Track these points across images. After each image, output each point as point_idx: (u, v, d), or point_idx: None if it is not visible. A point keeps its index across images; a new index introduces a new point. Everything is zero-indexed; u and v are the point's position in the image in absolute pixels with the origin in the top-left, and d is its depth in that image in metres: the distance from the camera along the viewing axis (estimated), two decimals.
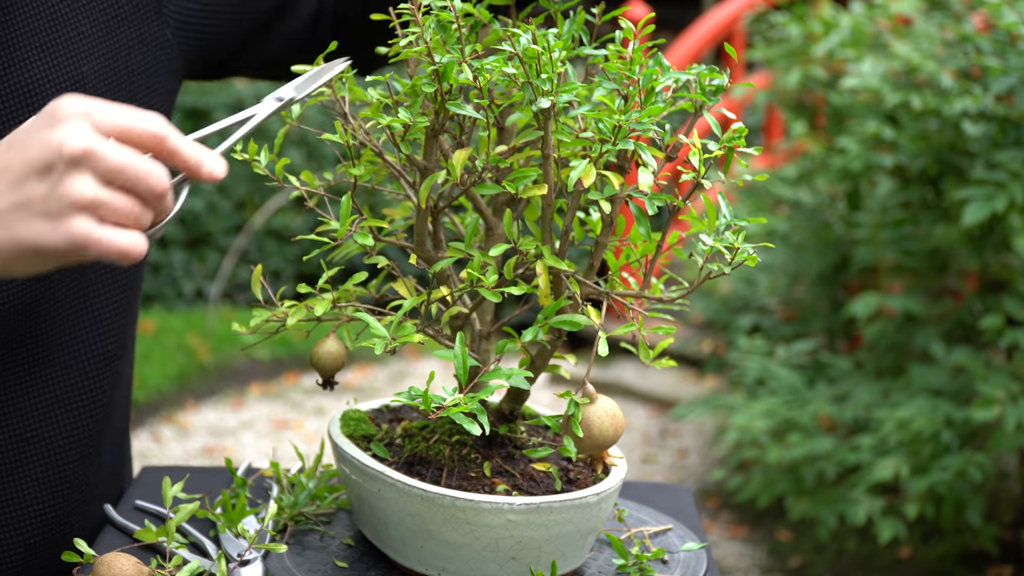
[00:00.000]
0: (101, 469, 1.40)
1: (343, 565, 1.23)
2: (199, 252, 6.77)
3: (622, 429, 1.16)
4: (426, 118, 1.15)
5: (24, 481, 1.30)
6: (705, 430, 5.22)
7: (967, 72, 3.62)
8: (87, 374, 1.34)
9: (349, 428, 1.27)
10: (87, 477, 1.37)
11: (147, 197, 1.00)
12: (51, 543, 1.33)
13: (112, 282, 1.35)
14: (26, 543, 1.31)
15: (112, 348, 1.37)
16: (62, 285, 1.30)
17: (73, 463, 1.34)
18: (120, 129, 0.99)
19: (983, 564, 3.91)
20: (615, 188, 1.11)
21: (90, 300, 1.33)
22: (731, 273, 1.12)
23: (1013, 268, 3.76)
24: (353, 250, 1.21)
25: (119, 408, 1.43)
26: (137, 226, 1.00)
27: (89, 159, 0.96)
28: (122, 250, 0.98)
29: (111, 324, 1.35)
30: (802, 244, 4.42)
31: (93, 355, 1.34)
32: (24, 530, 1.31)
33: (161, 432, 5.27)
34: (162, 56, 1.38)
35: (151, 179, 0.99)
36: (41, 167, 0.97)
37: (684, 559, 1.29)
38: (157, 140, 1.01)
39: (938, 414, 3.46)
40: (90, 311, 1.33)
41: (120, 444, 1.47)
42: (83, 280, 1.32)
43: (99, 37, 1.30)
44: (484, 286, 1.14)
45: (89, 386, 1.34)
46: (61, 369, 1.31)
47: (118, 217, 0.98)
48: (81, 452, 1.35)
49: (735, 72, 1.14)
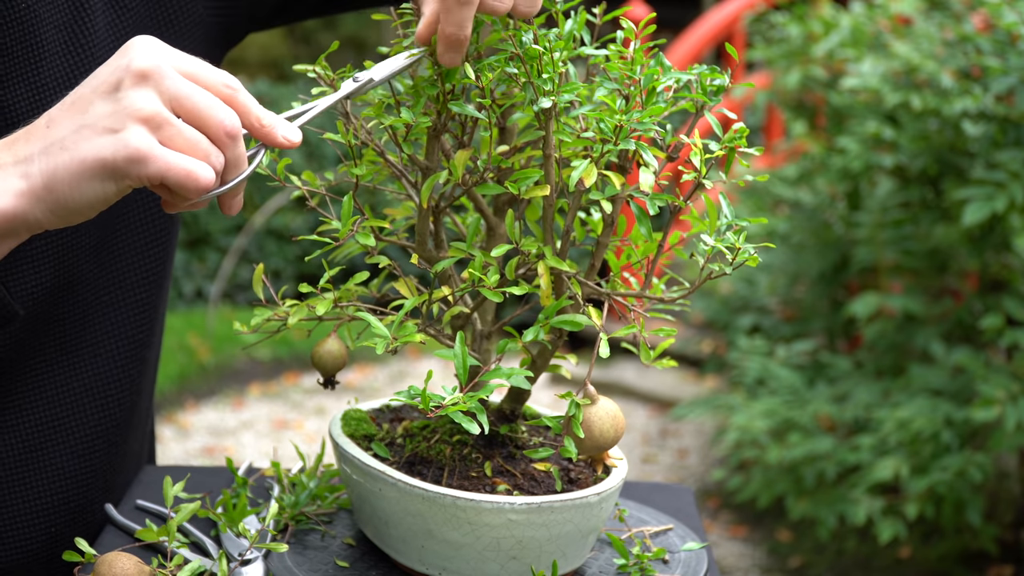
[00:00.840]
0: (126, 457, 1.40)
1: (344, 565, 1.23)
2: (199, 252, 6.77)
3: (623, 430, 1.16)
4: (428, 118, 1.15)
5: (50, 469, 1.30)
6: (705, 430, 5.22)
7: (967, 72, 3.62)
8: (116, 362, 1.33)
9: (350, 428, 1.27)
10: (112, 465, 1.37)
11: (216, 134, 0.96)
12: (73, 531, 1.33)
13: (142, 268, 1.34)
14: (49, 531, 1.31)
15: (141, 336, 1.36)
16: (93, 269, 1.29)
17: (99, 452, 1.34)
18: (191, 72, 0.97)
19: (983, 564, 3.91)
20: (616, 188, 1.11)
21: (120, 285, 1.32)
22: (732, 273, 1.12)
23: (1013, 268, 3.76)
24: (354, 250, 1.21)
25: (146, 396, 1.43)
26: (205, 159, 0.96)
27: (155, 76, 0.94)
28: (187, 170, 0.94)
29: (141, 311, 1.35)
30: (802, 244, 4.42)
31: (122, 342, 1.34)
32: (48, 517, 1.31)
33: (161, 432, 5.27)
34: (198, 32, 1.36)
35: (219, 114, 0.96)
36: (109, 87, 0.95)
37: (684, 559, 1.29)
38: (229, 91, 0.99)
39: (938, 414, 3.46)
40: (120, 297, 1.33)
41: (143, 432, 1.47)
42: (113, 265, 1.31)
43: (125, 26, 1.28)
44: (485, 286, 1.14)
45: (118, 374, 1.34)
46: (90, 357, 1.31)
47: (184, 144, 0.95)
48: (107, 440, 1.35)
49: (735, 72, 1.14)
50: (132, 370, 1.36)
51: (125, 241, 1.32)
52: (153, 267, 1.36)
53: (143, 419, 1.45)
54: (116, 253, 1.31)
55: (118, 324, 1.33)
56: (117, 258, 1.32)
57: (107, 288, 1.31)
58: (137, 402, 1.39)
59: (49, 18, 1.21)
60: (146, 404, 1.44)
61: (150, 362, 1.41)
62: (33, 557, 1.30)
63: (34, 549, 1.30)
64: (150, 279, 1.35)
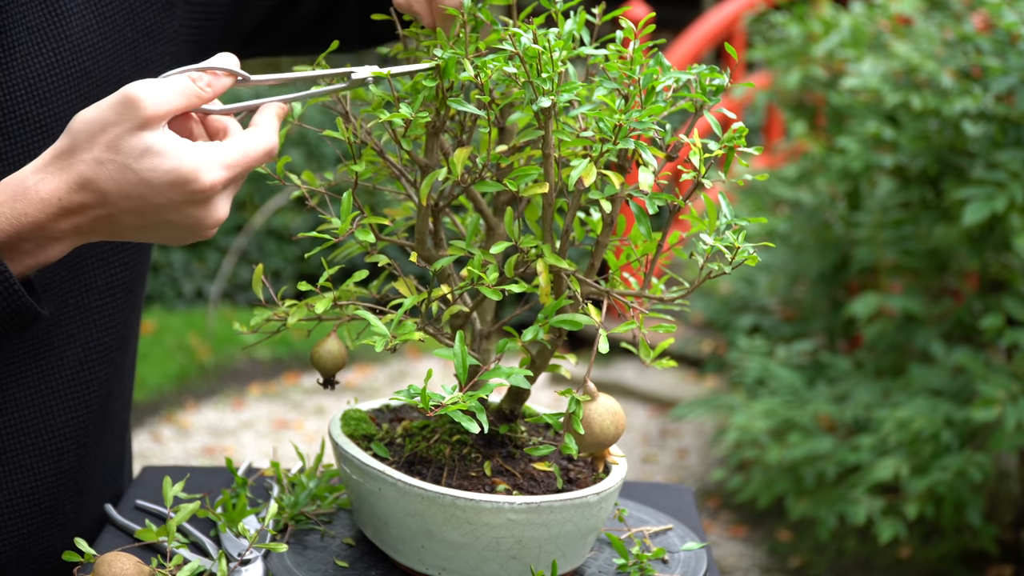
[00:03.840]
0: (98, 461, 1.40)
1: (344, 565, 1.23)
2: (199, 252, 6.77)
3: (623, 427, 1.16)
4: (427, 114, 1.15)
5: (18, 471, 1.30)
6: (705, 430, 5.22)
7: (967, 72, 3.62)
8: (83, 365, 1.34)
9: (350, 428, 1.27)
10: (82, 468, 1.36)
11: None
12: (44, 533, 1.33)
13: (108, 274, 1.35)
14: (19, 532, 1.31)
15: (110, 340, 1.37)
16: (61, 272, 1.30)
17: (68, 454, 1.34)
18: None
19: (983, 564, 3.91)
20: (615, 187, 1.11)
21: (86, 291, 1.33)
22: (731, 273, 1.12)
23: (1013, 268, 3.76)
24: (354, 249, 1.21)
25: (118, 400, 1.43)
26: None
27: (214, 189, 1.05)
28: None
29: (107, 316, 1.35)
30: (802, 244, 4.42)
31: (89, 347, 1.34)
32: (16, 520, 1.31)
33: (161, 432, 5.27)
34: (170, 48, 1.37)
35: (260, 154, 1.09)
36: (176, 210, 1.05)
37: (684, 559, 1.29)
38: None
39: (938, 414, 3.46)
40: (86, 301, 1.33)
41: (121, 437, 1.47)
42: (80, 270, 1.32)
43: (104, 32, 1.29)
44: (485, 285, 1.14)
45: (86, 377, 1.34)
46: (57, 359, 1.31)
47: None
48: (76, 443, 1.35)
49: (735, 72, 1.14)
50: (100, 373, 1.36)
51: (92, 247, 1.32)
52: (119, 273, 1.36)
53: (117, 422, 1.44)
54: (83, 259, 1.32)
55: (84, 328, 1.33)
56: (83, 264, 1.32)
57: (73, 292, 1.32)
58: (107, 404, 1.39)
59: (22, 19, 1.22)
60: (118, 407, 1.44)
61: (121, 366, 1.41)
62: (4, 559, 1.31)
63: (5, 550, 1.30)
64: (116, 285, 1.36)
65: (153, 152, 1.01)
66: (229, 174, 1.04)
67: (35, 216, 1.02)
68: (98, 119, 1.02)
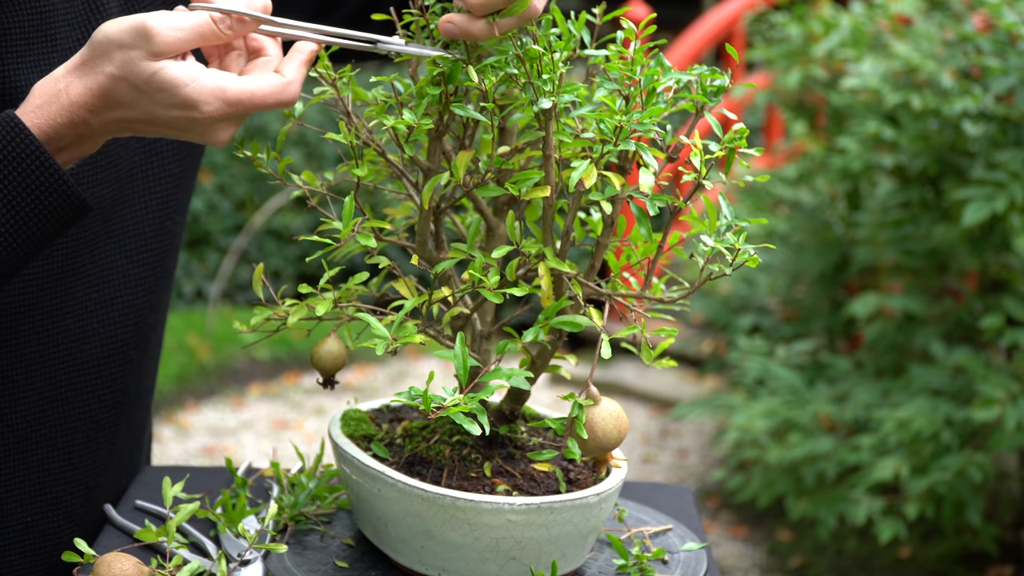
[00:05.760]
0: (112, 458, 1.41)
1: (343, 565, 1.23)
2: (199, 252, 6.77)
3: (626, 431, 1.16)
4: (430, 119, 1.15)
5: (29, 459, 1.31)
6: (705, 430, 5.22)
7: (967, 72, 3.62)
8: (99, 360, 1.35)
9: (349, 428, 1.27)
10: (93, 463, 1.37)
11: None
12: (50, 524, 1.34)
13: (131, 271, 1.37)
14: (23, 520, 1.32)
15: (129, 337, 1.38)
16: (87, 264, 1.31)
17: (79, 447, 1.35)
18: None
19: (983, 564, 3.91)
20: (616, 189, 1.11)
21: (109, 284, 1.35)
22: (731, 274, 1.12)
23: (1013, 268, 3.76)
24: (354, 250, 1.21)
25: (135, 400, 1.43)
26: None
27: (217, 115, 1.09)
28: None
29: (127, 313, 1.37)
30: (802, 244, 4.42)
31: (106, 342, 1.36)
32: (22, 508, 1.32)
33: (161, 432, 5.27)
34: None
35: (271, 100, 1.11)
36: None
37: (684, 559, 1.29)
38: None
39: (938, 414, 3.46)
40: (108, 296, 1.35)
41: (138, 437, 1.48)
42: (106, 263, 1.34)
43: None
44: (486, 287, 1.14)
45: (102, 372, 1.36)
46: (77, 351, 1.33)
47: None
48: (87, 437, 1.36)
49: (735, 72, 1.13)
50: (116, 369, 1.37)
51: (118, 242, 1.34)
52: (143, 273, 1.37)
53: (134, 421, 1.45)
54: (109, 252, 1.34)
55: (105, 323, 1.35)
56: (109, 257, 1.34)
57: (97, 285, 1.34)
58: (122, 402, 1.39)
59: (64, 15, 1.26)
60: (136, 406, 1.45)
61: (140, 365, 1.42)
62: (8, 547, 1.31)
63: (8, 538, 1.32)
64: (139, 284, 1.37)
65: (157, 80, 1.07)
66: (229, 110, 1.09)
67: (68, 116, 1.10)
68: (115, 39, 1.07)
